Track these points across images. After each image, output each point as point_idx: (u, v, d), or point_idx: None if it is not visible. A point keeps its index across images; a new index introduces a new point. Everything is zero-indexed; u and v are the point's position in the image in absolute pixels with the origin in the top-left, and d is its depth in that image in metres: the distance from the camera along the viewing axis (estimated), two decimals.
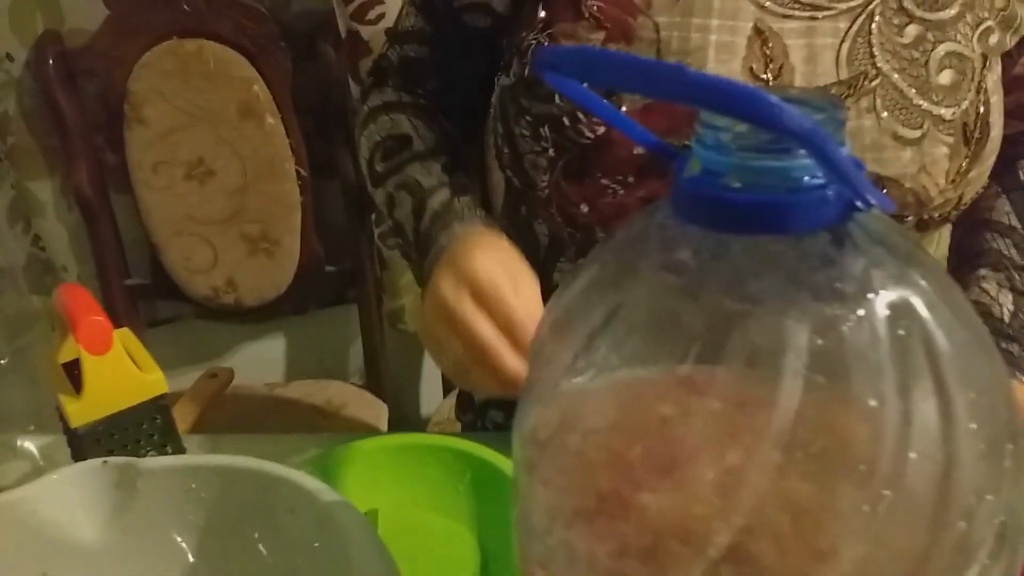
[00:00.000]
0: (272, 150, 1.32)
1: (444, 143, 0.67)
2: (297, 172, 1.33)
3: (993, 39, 0.54)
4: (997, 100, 0.55)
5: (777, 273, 0.23)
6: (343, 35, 1.26)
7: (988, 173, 0.58)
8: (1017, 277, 0.58)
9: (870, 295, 0.22)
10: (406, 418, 1.60)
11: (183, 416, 0.84)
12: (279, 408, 1.36)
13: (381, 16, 1.24)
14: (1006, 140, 0.63)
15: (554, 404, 0.26)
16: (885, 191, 0.53)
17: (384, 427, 1.34)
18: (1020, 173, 0.62)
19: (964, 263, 0.62)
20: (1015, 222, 0.60)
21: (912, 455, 0.21)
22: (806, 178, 0.22)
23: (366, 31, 1.25)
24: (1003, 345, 0.56)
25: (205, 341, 1.48)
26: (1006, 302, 0.57)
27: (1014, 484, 0.23)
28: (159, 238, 1.37)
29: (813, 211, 0.22)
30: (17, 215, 1.42)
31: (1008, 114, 0.62)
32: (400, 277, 1.43)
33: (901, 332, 0.22)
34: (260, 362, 1.56)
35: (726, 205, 0.23)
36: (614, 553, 0.25)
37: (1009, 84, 0.59)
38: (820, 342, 0.21)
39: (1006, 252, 0.59)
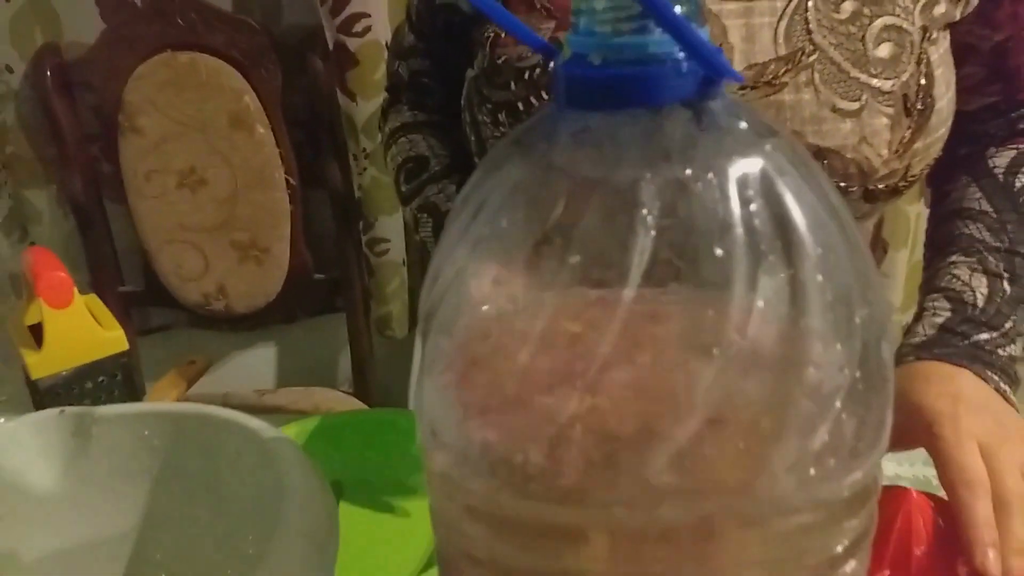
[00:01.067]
0: (262, 160, 1.34)
1: (458, 158, 0.72)
2: (286, 181, 1.36)
3: (939, 10, 0.56)
4: (943, 72, 0.56)
5: (637, 143, 0.24)
6: (331, 47, 1.29)
7: (939, 146, 0.59)
8: (990, 258, 0.58)
9: (721, 160, 0.24)
10: None
11: (162, 397, 0.86)
12: (268, 414, 1.37)
13: (367, 29, 1.28)
14: (970, 117, 0.63)
15: (450, 291, 0.28)
16: (827, 163, 0.54)
17: None
18: (989, 162, 0.62)
19: (937, 254, 0.61)
20: (986, 207, 0.60)
21: (759, 303, 0.23)
22: (662, 53, 0.24)
23: (353, 43, 1.29)
24: (975, 336, 0.54)
25: (196, 348, 1.49)
26: (979, 286, 0.57)
27: (867, 340, 0.24)
28: (151, 245, 1.39)
29: (670, 85, 0.24)
30: (14, 223, 1.45)
31: (968, 90, 0.62)
32: (387, 285, 1.44)
33: (749, 192, 0.23)
34: (250, 368, 1.58)
35: (589, 83, 0.24)
36: (515, 444, 0.26)
37: (961, 54, 0.60)
38: (669, 200, 0.23)
39: (978, 236, 0.59)
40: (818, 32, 0.54)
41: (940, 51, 0.56)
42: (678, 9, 0.24)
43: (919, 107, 0.54)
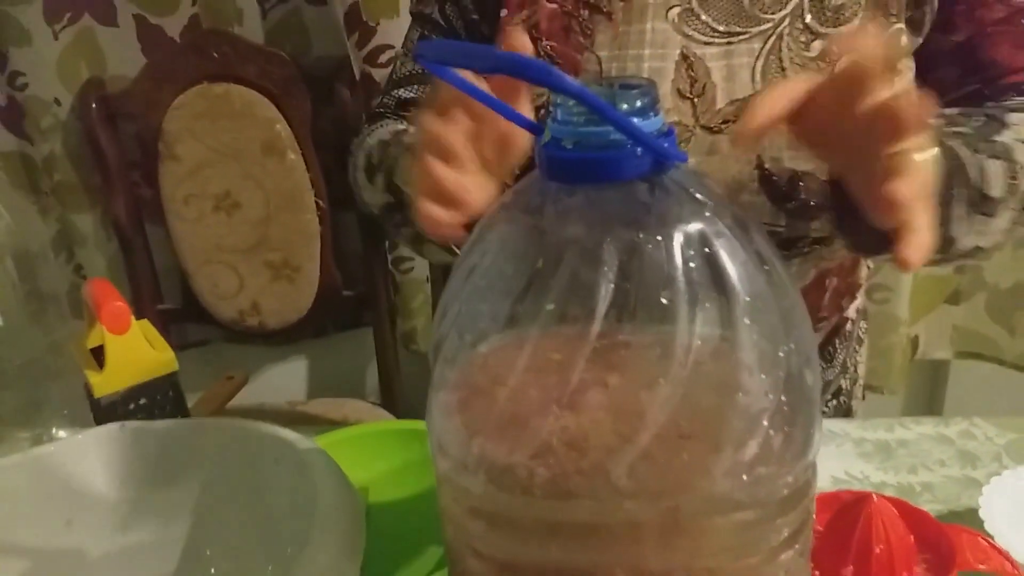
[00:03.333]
0: (293, 184, 1.41)
1: None
2: (316, 204, 1.42)
3: (903, 40, 0.61)
4: None
5: (602, 212, 0.30)
6: (357, 77, 1.36)
7: None
8: (972, 139, 0.55)
9: (668, 225, 0.29)
10: None
11: (204, 410, 0.93)
12: (299, 424, 1.43)
13: (392, 60, 1.34)
14: (955, 105, 0.66)
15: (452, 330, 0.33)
16: (803, 185, 0.59)
17: None
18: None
19: None
20: (962, 115, 0.60)
21: (698, 342, 0.28)
22: (622, 139, 0.30)
23: (378, 73, 1.35)
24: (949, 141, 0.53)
25: (232, 362, 1.55)
26: (959, 120, 0.57)
27: (790, 370, 0.30)
28: (189, 265, 1.46)
29: (629, 165, 0.30)
30: (61, 246, 1.53)
31: (947, 88, 0.65)
32: (412, 300, 1.50)
33: (690, 252, 0.29)
34: (282, 381, 1.64)
35: (563, 162, 0.30)
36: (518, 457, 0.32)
37: (933, 58, 0.64)
38: (626, 260, 0.29)
39: (955, 130, 0.56)
40: (791, 69, 0.60)
41: (905, 80, 0.61)
42: (637, 103, 0.30)
43: None
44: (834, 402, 0.80)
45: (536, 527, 0.32)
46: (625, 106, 0.29)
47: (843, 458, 0.69)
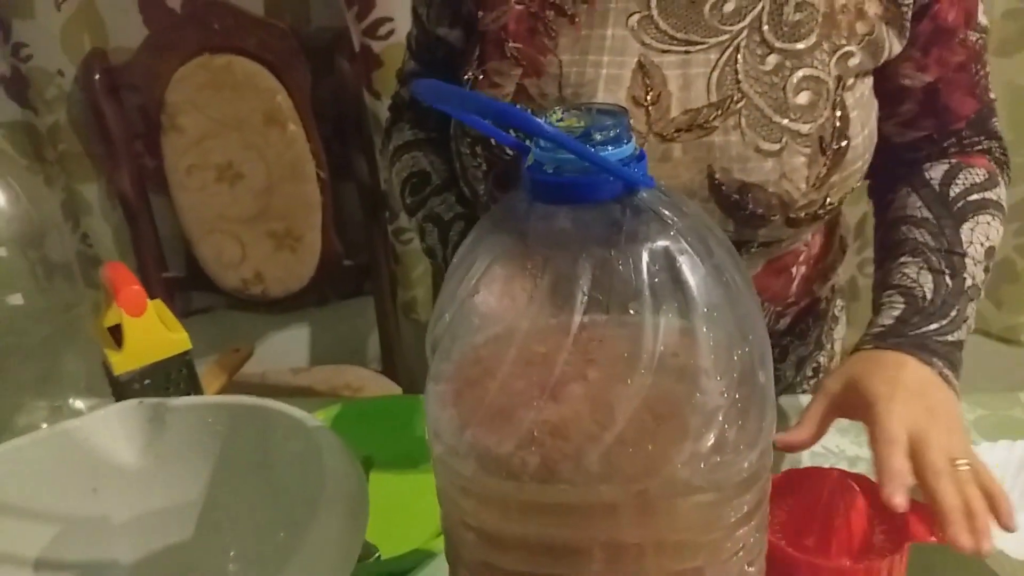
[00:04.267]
0: (294, 155, 1.43)
1: (455, 175, 0.78)
2: (317, 174, 1.45)
3: (853, 61, 0.63)
4: (858, 114, 0.64)
5: (578, 230, 0.34)
6: (357, 49, 1.38)
7: (856, 177, 0.66)
8: (934, 258, 0.65)
9: (637, 243, 0.33)
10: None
11: (209, 383, 0.97)
12: (302, 391, 1.48)
13: (391, 32, 1.36)
14: (906, 147, 0.71)
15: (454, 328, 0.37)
16: (751, 195, 0.62)
17: None
18: (925, 174, 0.70)
19: (887, 256, 0.69)
20: (926, 214, 0.68)
21: (660, 347, 0.32)
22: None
23: (377, 45, 1.37)
24: (925, 327, 0.62)
25: (235, 329, 1.59)
26: (926, 282, 0.64)
27: (743, 371, 0.34)
28: (193, 235, 1.50)
29: (603, 188, 0.33)
30: (67, 215, 1.56)
31: (905, 124, 0.70)
32: (412, 271, 1.54)
33: (655, 267, 0.33)
34: (285, 348, 1.68)
35: (545, 184, 0.34)
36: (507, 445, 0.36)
37: (897, 94, 0.68)
38: (599, 273, 0.32)
39: (921, 239, 0.67)
40: (745, 82, 0.61)
41: (856, 95, 0.63)
42: (611, 133, 0.33)
43: (834, 146, 0.62)
44: (814, 379, 0.84)
45: (521, 506, 0.36)
46: (599, 136, 0.33)
47: None
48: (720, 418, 0.33)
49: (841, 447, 0.72)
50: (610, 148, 0.33)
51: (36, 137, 1.51)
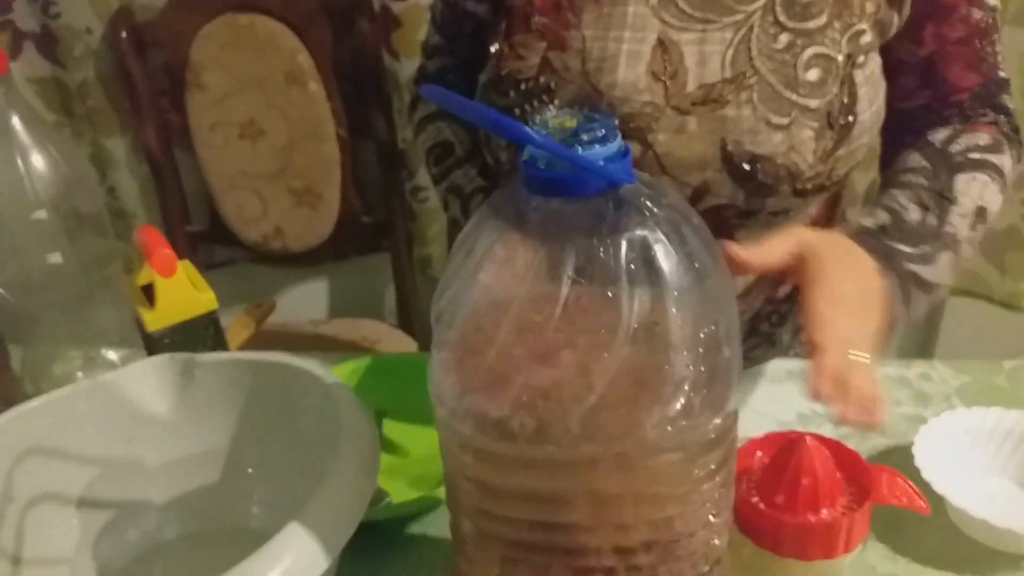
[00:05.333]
0: (315, 113, 1.47)
1: (478, 143, 0.82)
2: (337, 133, 1.48)
3: (865, 39, 0.66)
4: (867, 91, 0.67)
5: (566, 221, 0.38)
6: (376, 9, 1.41)
7: (862, 151, 0.69)
8: (924, 195, 0.67)
9: (617, 233, 0.37)
10: None
11: (236, 334, 1.02)
12: (320, 342, 1.54)
13: None
14: (908, 114, 0.74)
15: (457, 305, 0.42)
16: (761, 167, 0.65)
17: None
18: (930, 136, 0.72)
19: (883, 191, 0.70)
20: (924, 163, 0.70)
21: (635, 325, 0.36)
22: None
23: (397, 7, 1.40)
24: (898, 245, 0.63)
25: (256, 282, 1.64)
26: (912, 211, 0.66)
27: (709, 347, 0.38)
28: (216, 190, 1.54)
29: (590, 183, 0.37)
30: (95, 169, 1.61)
31: (905, 96, 0.73)
32: (428, 228, 1.58)
33: (632, 255, 0.37)
34: (304, 302, 1.73)
35: (538, 179, 0.38)
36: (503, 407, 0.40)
37: (896, 67, 0.70)
38: (583, 260, 0.37)
39: (915, 180, 0.68)
40: (758, 59, 0.65)
41: (866, 72, 0.66)
42: (598, 133, 0.37)
43: (841, 122, 0.65)
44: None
45: (513, 462, 0.40)
46: (586, 136, 0.37)
47: None
48: (687, 387, 0.37)
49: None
50: (597, 147, 0.37)
51: (65, 93, 1.56)
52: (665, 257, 0.37)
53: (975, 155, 0.69)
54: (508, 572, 0.44)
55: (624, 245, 0.37)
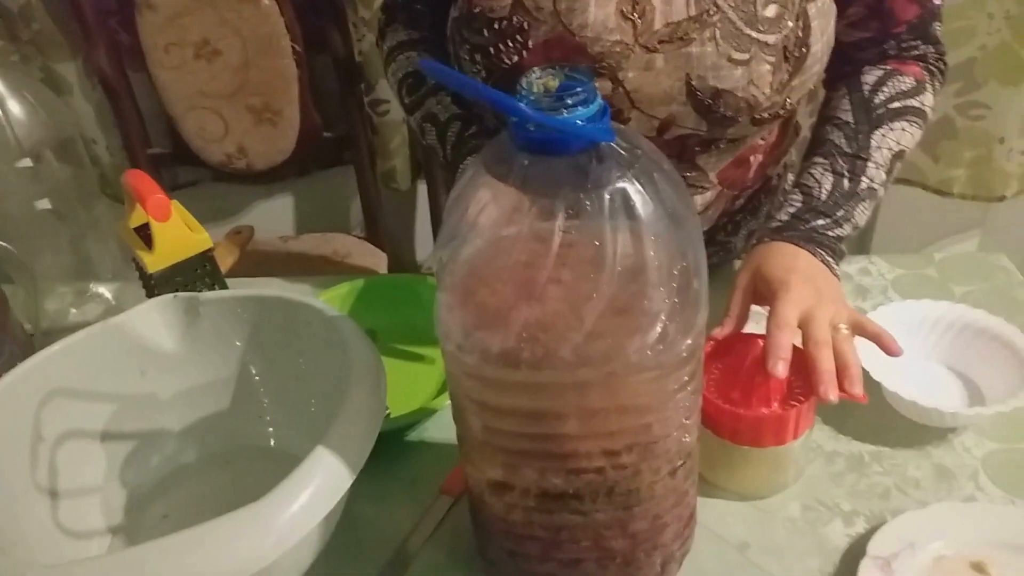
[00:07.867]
0: (269, 29, 1.45)
1: None
2: (292, 48, 1.47)
3: None
4: (819, 23, 0.70)
5: (554, 175, 0.42)
6: None
7: (814, 80, 0.73)
8: (840, 161, 0.74)
9: (600, 185, 0.42)
10: (403, 263, 1.80)
11: (223, 259, 1.06)
12: (292, 258, 1.57)
13: None
14: (852, 46, 0.78)
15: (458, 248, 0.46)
16: (723, 100, 0.69)
17: (385, 271, 1.55)
18: (862, 78, 0.77)
19: (810, 150, 0.77)
20: (848, 118, 0.75)
21: (618, 267, 0.42)
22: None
23: None
24: (814, 222, 0.71)
25: (223, 201, 1.65)
26: (825, 183, 0.73)
27: (681, 283, 0.44)
28: (175, 111, 1.53)
29: (574, 141, 0.42)
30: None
31: (852, 25, 0.77)
32: (390, 141, 1.60)
33: (615, 204, 0.42)
34: (273, 218, 1.75)
35: (527, 138, 0.42)
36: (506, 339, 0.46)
37: None
38: (572, 209, 0.42)
39: (836, 142, 0.75)
40: None
41: (818, 5, 0.70)
42: (580, 96, 0.41)
43: (795, 54, 0.69)
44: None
45: (513, 385, 0.46)
46: (570, 100, 0.41)
47: None
48: (663, 317, 0.43)
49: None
50: (580, 109, 0.42)
51: (8, 17, 1.52)
52: (643, 205, 0.42)
53: (896, 104, 0.75)
54: (509, 475, 0.51)
55: (607, 196, 0.42)
